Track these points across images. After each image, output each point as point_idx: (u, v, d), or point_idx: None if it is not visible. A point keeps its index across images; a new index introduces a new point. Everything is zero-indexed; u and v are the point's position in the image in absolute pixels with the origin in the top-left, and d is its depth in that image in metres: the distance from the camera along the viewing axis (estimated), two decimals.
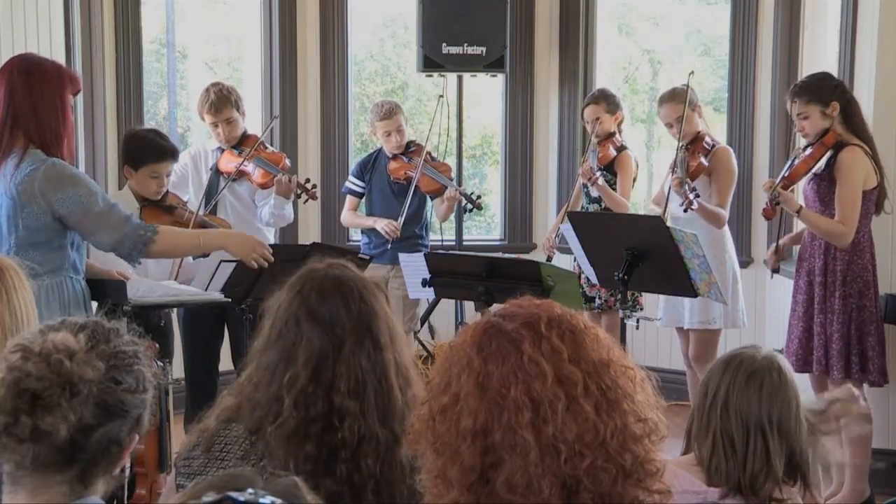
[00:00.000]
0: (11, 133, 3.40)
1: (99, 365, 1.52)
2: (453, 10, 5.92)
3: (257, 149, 4.84)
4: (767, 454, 2.28)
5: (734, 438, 2.30)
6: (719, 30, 6.46)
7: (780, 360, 2.40)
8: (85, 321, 1.60)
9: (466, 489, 1.49)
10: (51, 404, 1.46)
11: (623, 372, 1.53)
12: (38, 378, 1.47)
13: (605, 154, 5.41)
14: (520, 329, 1.52)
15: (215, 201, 4.81)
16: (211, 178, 4.92)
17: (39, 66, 3.49)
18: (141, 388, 1.59)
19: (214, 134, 4.92)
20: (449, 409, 1.51)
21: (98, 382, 1.51)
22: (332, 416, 2.00)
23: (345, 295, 2.06)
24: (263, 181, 4.85)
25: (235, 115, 4.87)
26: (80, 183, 3.42)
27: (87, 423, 1.50)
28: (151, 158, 4.28)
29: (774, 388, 2.32)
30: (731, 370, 2.36)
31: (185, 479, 2.07)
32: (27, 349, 1.50)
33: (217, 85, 4.89)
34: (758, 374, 2.34)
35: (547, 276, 4.00)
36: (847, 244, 4.31)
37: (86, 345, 1.53)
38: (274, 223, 4.99)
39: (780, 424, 2.30)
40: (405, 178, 5.45)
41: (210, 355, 4.90)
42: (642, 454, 1.50)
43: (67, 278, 3.47)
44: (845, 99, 4.37)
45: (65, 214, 3.38)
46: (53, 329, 1.56)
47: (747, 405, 2.31)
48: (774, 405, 2.31)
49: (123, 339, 1.60)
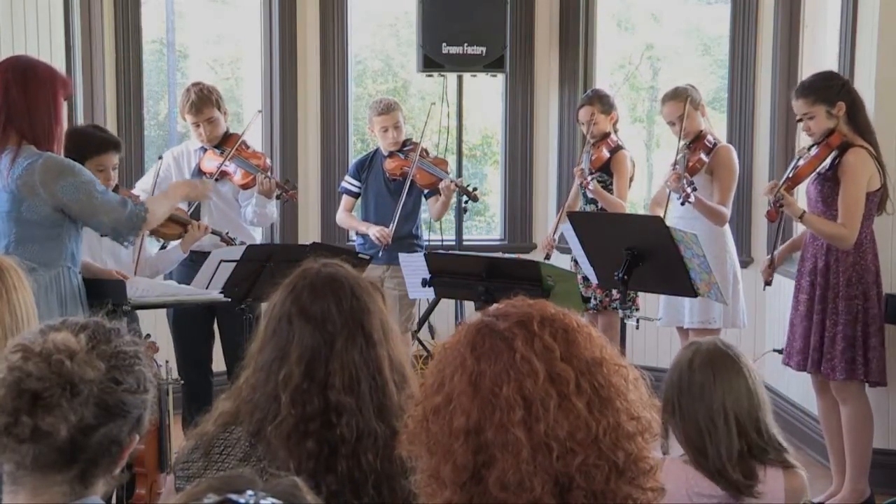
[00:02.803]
0: (4, 131, 3.49)
1: (100, 365, 1.51)
2: (453, 10, 5.92)
3: (238, 149, 4.84)
4: (720, 444, 2.32)
5: (694, 434, 2.34)
6: (719, 29, 6.46)
7: (715, 348, 2.42)
8: (86, 321, 1.60)
9: (459, 488, 1.49)
10: (51, 404, 1.46)
11: (616, 370, 1.53)
12: (39, 378, 1.46)
13: (598, 156, 5.41)
14: (512, 328, 1.52)
15: (198, 201, 4.80)
16: (193, 178, 4.92)
17: (33, 68, 3.57)
18: (142, 389, 1.59)
19: (196, 134, 4.93)
20: (442, 409, 1.51)
21: (99, 383, 1.51)
22: (330, 413, 2.01)
23: (336, 292, 2.07)
24: (245, 181, 4.86)
25: (216, 115, 4.87)
26: (78, 171, 3.57)
27: (87, 423, 1.50)
28: (94, 151, 4.25)
29: (710, 380, 2.35)
30: (675, 377, 2.40)
31: (185, 483, 2.07)
32: (28, 349, 1.50)
33: (197, 85, 4.90)
34: (696, 371, 2.37)
35: (547, 276, 4.00)
36: (849, 246, 4.30)
37: (87, 345, 1.53)
38: (258, 222, 4.98)
39: (727, 413, 2.33)
40: (401, 174, 5.44)
41: (201, 356, 4.90)
42: (635, 452, 1.50)
43: (65, 268, 3.56)
44: (851, 99, 4.35)
45: (68, 202, 3.50)
46: (54, 329, 1.56)
47: (692, 404, 2.34)
48: (716, 397, 2.34)
49: (124, 340, 1.59)
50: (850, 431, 4.38)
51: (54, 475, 1.51)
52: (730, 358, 2.41)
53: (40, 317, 2.46)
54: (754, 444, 2.36)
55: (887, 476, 4.54)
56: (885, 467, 4.54)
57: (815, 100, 4.33)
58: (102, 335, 1.57)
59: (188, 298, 4.21)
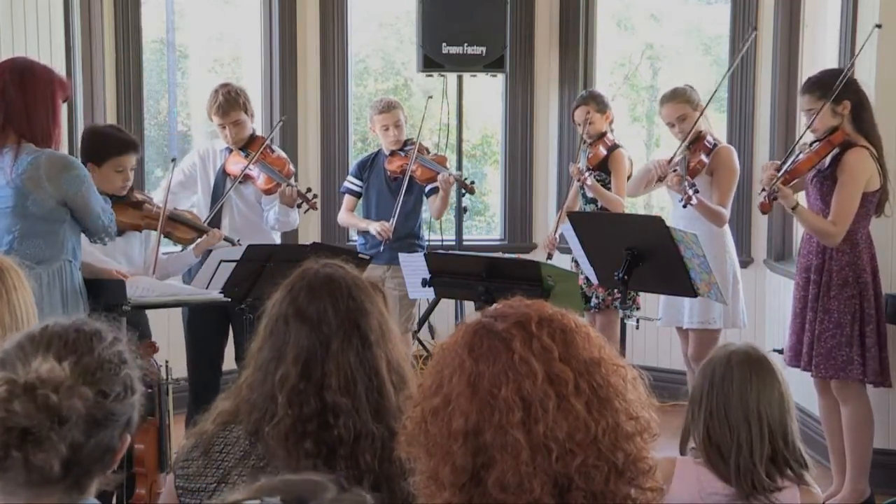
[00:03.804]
0: (3, 131, 3.51)
1: (86, 393, 1.48)
2: (453, 10, 5.92)
3: (263, 152, 4.85)
4: (752, 444, 2.30)
5: (719, 432, 2.32)
6: (719, 29, 6.46)
7: (755, 351, 2.41)
8: (65, 330, 1.56)
9: (458, 490, 1.48)
10: (41, 438, 1.44)
11: (614, 370, 1.53)
12: (26, 415, 1.44)
13: (595, 154, 5.41)
14: (510, 329, 1.52)
15: (221, 203, 4.82)
16: (217, 179, 4.93)
17: (31, 69, 3.60)
18: (129, 392, 1.57)
19: (222, 135, 4.94)
20: (441, 411, 1.51)
21: (87, 406, 1.49)
22: (327, 414, 2.01)
23: (333, 293, 2.07)
24: (267, 187, 4.86)
25: (243, 118, 4.88)
26: (78, 166, 3.70)
27: (77, 442, 1.48)
28: (115, 152, 4.28)
29: (749, 380, 2.34)
30: (708, 372, 2.38)
31: (184, 482, 2.07)
32: (13, 383, 1.46)
33: (226, 86, 4.90)
34: (731, 369, 2.36)
35: (547, 276, 4.00)
36: (835, 244, 4.29)
37: (71, 373, 1.49)
38: (279, 228, 5.00)
39: (760, 414, 2.31)
40: (401, 172, 5.45)
41: (214, 354, 4.90)
42: (634, 452, 1.50)
43: (66, 262, 3.62)
44: (858, 99, 4.35)
45: (72, 194, 3.59)
46: (39, 344, 1.53)
47: (724, 401, 2.33)
48: (751, 396, 2.32)
49: (106, 343, 1.56)
50: (850, 431, 4.39)
51: (49, 488, 1.51)
52: (766, 362, 2.39)
53: (43, 312, 2.46)
54: (779, 453, 2.34)
55: (887, 476, 4.54)
56: (885, 467, 4.54)
57: (821, 96, 4.33)
58: (84, 345, 1.54)
59: (188, 298, 4.21)
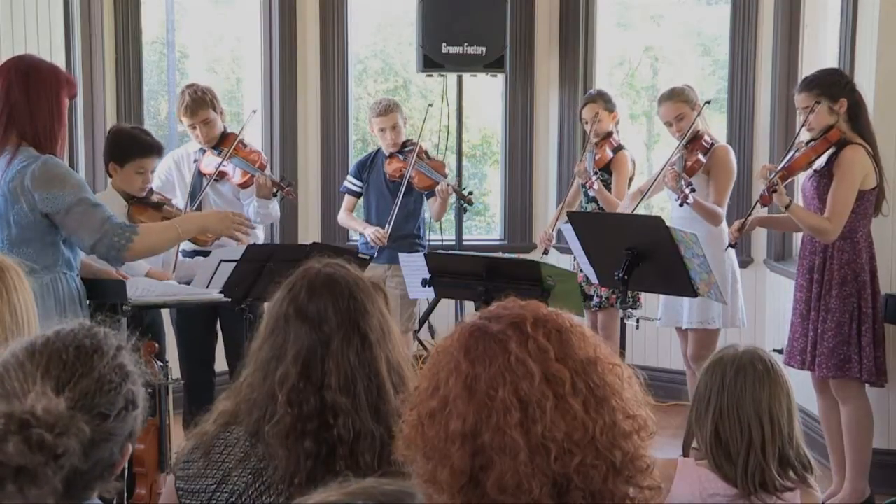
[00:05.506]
0: (5, 131, 3.42)
1: (83, 428, 1.45)
2: (453, 10, 5.92)
3: (236, 147, 4.84)
4: (765, 443, 2.31)
5: (729, 431, 2.32)
6: (719, 30, 6.46)
7: (763, 353, 2.42)
8: (66, 349, 1.53)
9: (457, 492, 1.48)
10: (36, 475, 1.40)
11: (610, 369, 1.52)
12: (19, 455, 1.42)
13: (602, 156, 5.43)
14: (506, 330, 1.51)
15: (199, 202, 4.79)
16: (194, 180, 4.91)
17: (36, 67, 3.50)
18: (131, 407, 1.55)
19: (193, 136, 4.92)
20: (438, 413, 1.51)
21: (84, 436, 1.45)
22: (327, 413, 2.01)
23: (334, 292, 2.07)
24: (243, 181, 4.86)
25: (212, 116, 4.85)
26: (67, 183, 3.40)
27: (76, 466, 1.45)
28: (138, 153, 4.29)
29: (760, 380, 2.35)
30: (717, 372, 2.38)
31: (184, 483, 2.07)
32: (9, 418, 1.42)
33: (192, 86, 4.89)
34: (743, 368, 2.36)
35: (547, 276, 3.99)
36: (830, 241, 4.31)
37: (68, 407, 1.46)
38: (261, 221, 4.99)
39: (771, 414, 2.32)
40: (399, 176, 5.45)
41: (205, 355, 4.90)
42: (632, 451, 1.50)
43: (61, 274, 3.46)
44: (854, 98, 4.36)
45: (49, 213, 3.38)
46: (41, 367, 1.50)
47: (736, 401, 2.33)
48: (763, 396, 2.33)
49: (107, 359, 1.54)
50: (849, 431, 4.39)
51: None
52: (776, 364, 2.41)
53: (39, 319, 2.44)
54: (784, 455, 2.35)
55: (887, 476, 4.54)
56: (885, 467, 4.55)
57: (819, 94, 4.34)
58: (84, 366, 1.52)
59: (188, 298, 4.20)
